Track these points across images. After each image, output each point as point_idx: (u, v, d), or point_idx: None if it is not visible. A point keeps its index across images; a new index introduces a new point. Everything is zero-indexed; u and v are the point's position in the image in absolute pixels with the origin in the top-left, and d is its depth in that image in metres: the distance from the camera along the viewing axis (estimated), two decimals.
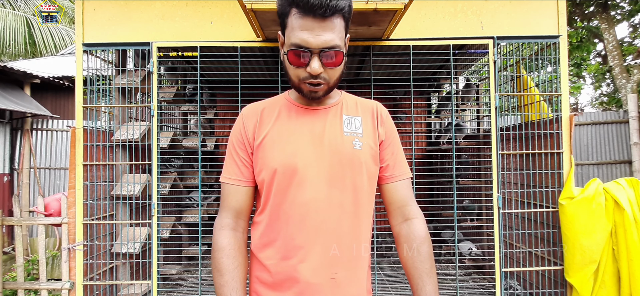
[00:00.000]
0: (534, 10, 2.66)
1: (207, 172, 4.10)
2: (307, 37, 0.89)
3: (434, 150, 4.31)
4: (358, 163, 0.99)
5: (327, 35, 0.89)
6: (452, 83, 2.89)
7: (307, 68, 0.92)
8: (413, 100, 2.85)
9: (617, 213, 2.42)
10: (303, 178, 0.96)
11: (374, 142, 1.04)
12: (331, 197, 0.97)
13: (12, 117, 5.36)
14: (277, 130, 1.01)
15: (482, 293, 3.02)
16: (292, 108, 1.04)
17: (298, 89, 0.99)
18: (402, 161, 1.08)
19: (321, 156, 0.98)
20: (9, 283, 2.82)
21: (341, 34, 0.93)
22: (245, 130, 1.03)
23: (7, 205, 5.27)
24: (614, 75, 6.62)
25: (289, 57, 0.93)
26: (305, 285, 0.96)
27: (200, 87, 2.93)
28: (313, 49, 0.90)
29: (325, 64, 0.92)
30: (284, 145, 0.99)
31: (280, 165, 0.97)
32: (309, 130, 1.01)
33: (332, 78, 0.96)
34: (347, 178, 0.98)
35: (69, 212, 2.57)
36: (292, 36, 0.91)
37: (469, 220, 3.58)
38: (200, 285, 2.74)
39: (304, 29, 0.89)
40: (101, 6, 2.65)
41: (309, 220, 0.96)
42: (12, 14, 8.98)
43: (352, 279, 0.99)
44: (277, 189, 0.98)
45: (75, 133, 2.59)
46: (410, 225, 1.04)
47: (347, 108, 1.06)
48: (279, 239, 0.98)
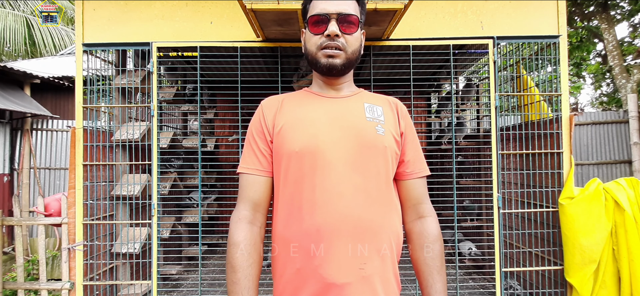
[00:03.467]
0: (534, 10, 2.66)
1: (207, 172, 4.10)
2: (325, 5, 1.00)
3: (434, 150, 4.31)
4: (382, 148, 0.98)
5: (343, 4, 1.00)
6: (452, 83, 2.89)
7: (325, 31, 0.99)
8: (413, 100, 2.85)
9: (617, 213, 2.42)
10: (325, 162, 0.94)
11: (396, 131, 1.04)
12: (354, 182, 0.94)
13: (12, 117, 5.35)
14: (298, 115, 1.01)
15: (482, 293, 3.02)
16: (312, 96, 1.07)
17: (316, 62, 1.02)
18: (421, 157, 1.09)
19: (343, 139, 0.97)
20: (9, 283, 2.82)
21: (356, 11, 1.02)
22: (265, 119, 1.04)
23: (7, 205, 5.27)
24: (614, 75, 6.62)
25: (310, 28, 1.02)
26: (332, 279, 0.91)
27: (200, 87, 2.93)
28: (331, 14, 0.99)
29: (342, 29, 1.00)
30: (305, 128, 0.98)
31: (301, 148, 0.95)
32: (329, 114, 1.01)
33: (349, 46, 1.01)
34: (370, 163, 0.96)
35: (69, 212, 2.57)
36: (313, 11, 1.02)
37: (469, 220, 3.58)
38: (200, 285, 2.74)
39: (323, 1, 1.00)
40: (101, 6, 2.65)
41: (333, 206, 0.92)
42: (12, 14, 8.98)
43: (382, 271, 0.95)
44: (299, 174, 0.95)
45: (75, 134, 2.59)
46: (423, 222, 1.04)
47: (368, 99, 1.08)
48: (302, 229, 0.94)
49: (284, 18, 2.26)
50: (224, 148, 4.60)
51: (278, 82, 2.80)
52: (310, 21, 1.01)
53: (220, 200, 4.32)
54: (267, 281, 3.16)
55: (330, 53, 0.99)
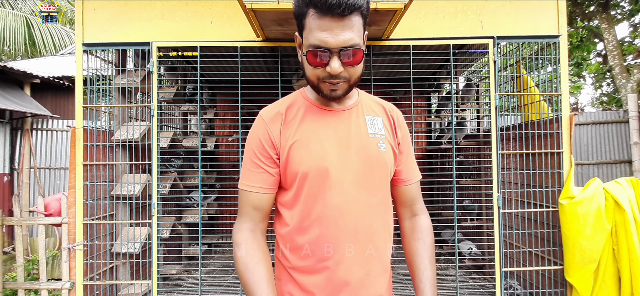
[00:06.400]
0: (534, 10, 2.66)
1: (207, 172, 4.10)
2: (326, 38, 0.87)
3: (434, 150, 4.31)
4: (383, 164, 1.02)
5: (346, 34, 0.87)
6: (452, 83, 2.88)
7: (327, 68, 0.90)
8: (413, 100, 2.85)
9: (617, 213, 2.42)
10: (334, 181, 0.97)
11: (394, 143, 1.07)
12: (361, 199, 0.99)
13: (12, 117, 5.35)
14: (305, 133, 1.00)
15: (482, 293, 3.02)
16: (314, 110, 1.03)
17: (317, 89, 0.97)
18: (414, 164, 1.14)
19: (349, 159, 0.99)
20: (9, 283, 2.82)
21: (360, 32, 0.91)
22: (270, 134, 1.00)
23: (7, 205, 5.27)
24: (614, 74, 6.62)
25: (309, 58, 0.91)
26: (343, 283, 0.98)
27: (200, 87, 2.93)
28: (332, 49, 0.88)
29: (345, 63, 0.91)
30: (312, 148, 0.98)
31: (311, 169, 0.97)
32: (335, 133, 1.01)
33: (352, 76, 0.95)
34: (375, 179, 1.01)
35: (69, 212, 2.57)
36: (310, 37, 0.89)
37: (469, 220, 3.58)
38: (200, 285, 2.74)
39: (323, 29, 0.87)
40: (101, 6, 2.65)
41: (343, 222, 0.97)
42: (12, 14, 8.98)
43: (382, 274, 1.04)
44: (308, 193, 0.98)
45: (75, 133, 2.59)
46: (417, 219, 1.13)
47: (368, 109, 1.07)
48: (312, 243, 0.99)
49: (284, 18, 2.26)
50: (224, 148, 4.60)
51: (278, 82, 2.80)
52: (309, 52, 0.91)
53: (220, 200, 4.32)
54: None
55: (332, 87, 0.94)
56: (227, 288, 3.15)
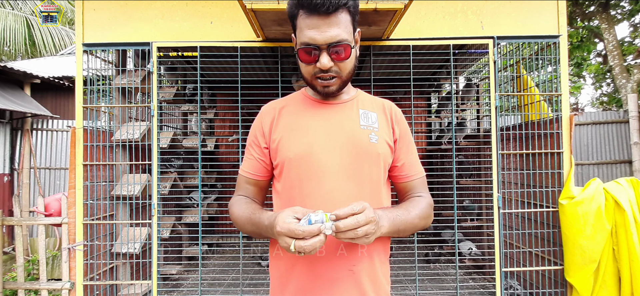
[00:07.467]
0: (534, 10, 2.66)
1: (207, 172, 4.10)
2: (313, 35, 0.93)
3: (434, 150, 4.31)
4: (375, 156, 1.01)
5: (332, 31, 0.92)
6: (452, 83, 2.88)
7: (317, 63, 0.96)
8: (413, 100, 2.85)
9: (617, 213, 2.42)
10: (319, 169, 0.98)
11: (390, 138, 1.07)
12: (347, 189, 0.98)
13: (12, 117, 5.35)
14: (294, 123, 1.04)
15: (482, 293, 3.02)
16: (310, 103, 1.08)
17: (312, 86, 1.03)
18: (416, 160, 1.12)
19: (337, 147, 1.00)
20: (9, 283, 2.82)
21: (348, 28, 0.95)
22: (263, 126, 1.08)
23: (7, 205, 5.27)
24: (614, 75, 6.62)
25: (300, 56, 0.97)
26: (324, 278, 0.97)
27: (200, 87, 2.93)
28: (321, 45, 0.93)
29: (334, 58, 0.96)
30: (300, 136, 1.02)
31: (296, 156, 0.99)
32: (325, 123, 1.03)
33: (343, 71, 0.99)
34: (364, 171, 1.00)
35: (69, 212, 2.57)
36: (301, 36, 0.95)
37: (469, 220, 3.58)
38: (200, 285, 2.74)
39: (311, 28, 0.93)
40: (101, 6, 2.65)
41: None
42: (12, 14, 8.98)
43: (370, 271, 1.00)
44: (294, 180, 1.00)
45: (75, 133, 2.59)
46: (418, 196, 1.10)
47: (363, 104, 1.09)
48: None
49: (284, 18, 2.26)
50: (224, 148, 4.60)
51: (278, 81, 2.80)
52: (299, 50, 0.97)
53: (220, 200, 4.32)
54: (267, 280, 3.16)
55: (325, 83, 0.99)
56: (227, 288, 3.15)
